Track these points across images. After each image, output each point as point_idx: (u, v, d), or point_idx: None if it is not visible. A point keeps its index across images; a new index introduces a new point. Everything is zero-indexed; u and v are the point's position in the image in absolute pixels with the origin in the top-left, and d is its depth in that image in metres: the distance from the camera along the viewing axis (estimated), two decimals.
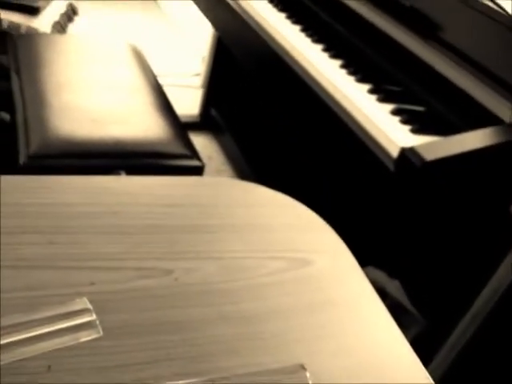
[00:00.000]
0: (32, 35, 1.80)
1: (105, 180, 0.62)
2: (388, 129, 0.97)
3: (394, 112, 1.02)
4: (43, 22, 1.97)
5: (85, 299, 0.47)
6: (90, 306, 0.47)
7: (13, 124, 1.43)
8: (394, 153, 0.94)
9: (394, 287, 1.30)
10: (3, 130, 1.97)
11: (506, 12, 1.08)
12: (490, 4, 1.11)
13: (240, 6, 1.47)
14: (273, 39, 1.30)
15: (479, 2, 1.11)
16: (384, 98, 1.06)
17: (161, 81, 1.70)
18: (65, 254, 0.51)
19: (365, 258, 1.43)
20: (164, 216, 0.58)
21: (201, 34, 3.26)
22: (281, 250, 0.58)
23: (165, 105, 1.51)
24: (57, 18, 2.07)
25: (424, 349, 0.61)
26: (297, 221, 0.63)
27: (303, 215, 0.64)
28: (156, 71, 1.76)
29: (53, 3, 2.12)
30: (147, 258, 0.53)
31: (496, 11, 1.08)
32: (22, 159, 1.23)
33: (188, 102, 2.70)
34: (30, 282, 0.49)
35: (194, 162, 1.32)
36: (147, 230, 0.56)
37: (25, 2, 2.00)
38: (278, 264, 0.56)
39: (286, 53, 1.25)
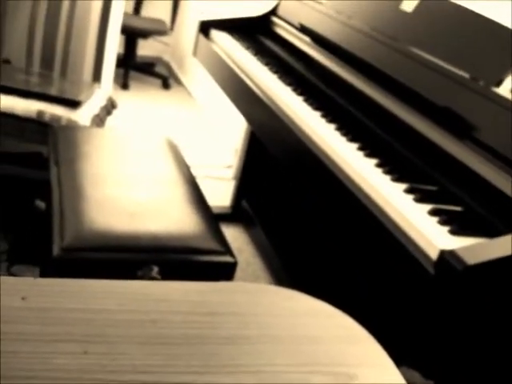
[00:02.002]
0: (72, 128, 1.86)
1: (143, 285, 0.61)
2: (427, 230, 0.95)
3: (432, 212, 1.01)
4: (83, 115, 2.04)
5: None
6: None
7: (48, 213, 1.45)
8: (434, 255, 0.92)
9: None
10: (38, 219, 2.01)
11: None
12: None
13: (275, 103, 1.50)
14: (308, 137, 1.32)
15: (510, 101, 1.12)
16: (421, 198, 1.05)
17: (194, 172, 1.72)
18: (100, 366, 0.50)
19: (399, 358, 1.38)
20: (203, 325, 0.56)
21: (234, 127, 3.34)
22: (324, 363, 0.56)
23: (198, 198, 1.52)
24: (96, 111, 2.14)
25: None
26: (340, 332, 0.60)
27: (346, 326, 0.61)
28: (190, 163, 1.79)
29: (93, 97, 2.20)
30: (185, 372, 0.50)
31: None
32: (55, 251, 1.24)
33: (220, 194, 2.74)
34: None
35: (227, 258, 1.31)
36: (186, 340, 0.54)
37: (67, 96, 2.08)
38: (322, 379, 0.54)
39: (321, 151, 1.26)
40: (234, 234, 2.43)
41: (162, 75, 4.28)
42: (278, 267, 2.16)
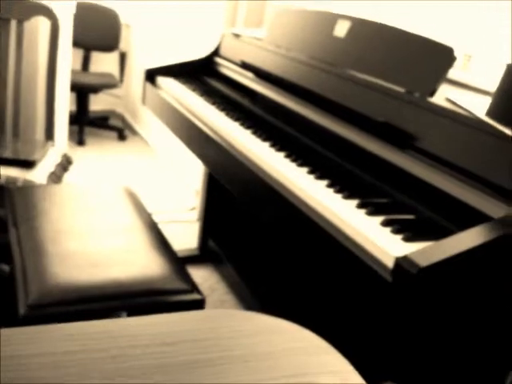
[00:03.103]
0: (28, 187, 1.85)
1: (102, 324, 0.62)
2: (380, 241, 0.98)
3: (385, 223, 1.04)
4: (39, 174, 2.04)
5: None
6: None
7: (12, 276, 1.44)
8: (390, 264, 0.94)
9: None
10: (2, 283, 1.98)
11: (473, 114, 1.14)
12: (458, 109, 1.17)
13: (225, 140, 1.54)
14: (260, 168, 1.35)
15: (446, 108, 1.17)
16: (373, 211, 1.08)
17: (158, 218, 1.73)
18: None
19: (383, 373, 1.39)
20: (163, 355, 0.57)
21: (192, 169, 3.37)
22: (287, 375, 0.57)
23: (160, 242, 1.53)
24: (52, 168, 2.15)
25: None
26: (299, 344, 0.62)
27: (305, 338, 0.63)
28: (153, 209, 1.80)
29: (48, 155, 2.21)
30: None
31: (463, 115, 1.13)
32: (21, 310, 1.23)
33: (186, 236, 2.74)
34: None
35: (195, 296, 1.32)
36: (146, 371, 0.54)
37: (21, 157, 2.08)
38: None
39: (274, 180, 1.29)
40: (204, 275, 2.43)
41: (116, 127, 4.31)
42: (252, 301, 2.16)
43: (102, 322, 0.64)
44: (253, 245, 2.17)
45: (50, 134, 2.40)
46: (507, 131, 1.04)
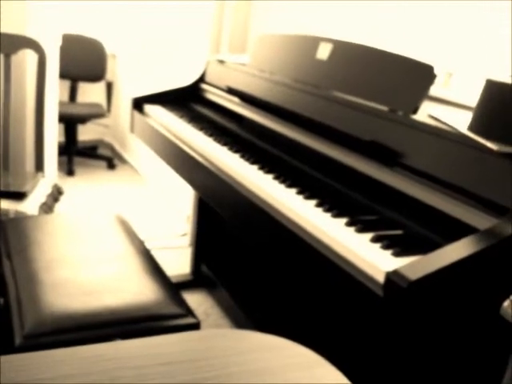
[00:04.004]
0: (20, 218, 1.86)
1: (99, 348, 0.63)
2: (371, 257, 1.00)
3: (374, 239, 1.06)
4: (30, 205, 2.05)
5: None
6: None
7: (6, 307, 1.44)
8: (381, 279, 0.96)
9: None
10: None
11: (456, 129, 1.16)
12: (441, 125, 1.20)
13: (214, 164, 1.56)
14: (249, 191, 1.37)
15: (429, 125, 1.20)
16: (362, 228, 1.10)
17: (150, 245, 1.74)
18: None
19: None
20: (158, 376, 0.58)
21: (183, 195, 3.38)
22: None
23: (154, 268, 1.54)
24: (43, 199, 2.15)
25: None
26: (293, 360, 0.63)
27: (299, 354, 0.64)
28: (145, 237, 1.80)
29: (38, 186, 2.22)
30: None
31: (446, 130, 1.16)
32: (17, 340, 1.23)
33: (179, 262, 2.74)
34: None
35: (190, 320, 1.33)
36: None
37: (12, 189, 2.09)
38: None
39: (264, 201, 1.31)
40: (198, 300, 2.43)
41: (105, 156, 4.32)
42: (247, 324, 2.16)
43: (97, 346, 0.65)
44: (246, 268, 2.18)
45: (39, 166, 2.41)
46: (489, 144, 1.07)
